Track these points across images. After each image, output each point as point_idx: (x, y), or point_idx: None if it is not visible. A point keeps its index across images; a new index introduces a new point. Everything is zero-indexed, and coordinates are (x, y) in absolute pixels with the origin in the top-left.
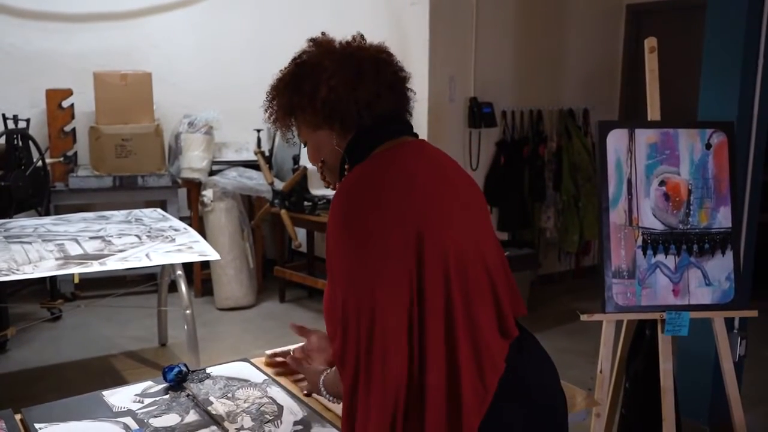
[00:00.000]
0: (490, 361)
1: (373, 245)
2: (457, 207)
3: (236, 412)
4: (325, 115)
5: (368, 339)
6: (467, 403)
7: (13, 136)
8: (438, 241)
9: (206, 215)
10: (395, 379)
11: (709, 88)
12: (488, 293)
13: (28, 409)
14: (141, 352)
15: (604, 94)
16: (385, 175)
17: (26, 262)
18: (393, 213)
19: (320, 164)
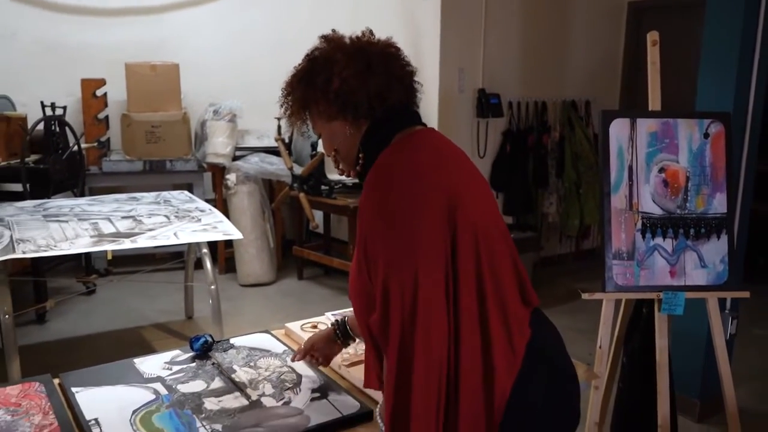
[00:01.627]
0: (518, 328)
1: (412, 222)
2: (475, 185)
3: (258, 379)
4: (338, 106)
5: (411, 315)
6: (499, 368)
7: (51, 122)
8: (468, 213)
9: (230, 198)
10: (439, 352)
11: (707, 81)
12: (510, 264)
13: (65, 374)
14: (169, 324)
15: (605, 86)
16: (416, 156)
17: (63, 239)
18: (428, 189)
19: (334, 153)
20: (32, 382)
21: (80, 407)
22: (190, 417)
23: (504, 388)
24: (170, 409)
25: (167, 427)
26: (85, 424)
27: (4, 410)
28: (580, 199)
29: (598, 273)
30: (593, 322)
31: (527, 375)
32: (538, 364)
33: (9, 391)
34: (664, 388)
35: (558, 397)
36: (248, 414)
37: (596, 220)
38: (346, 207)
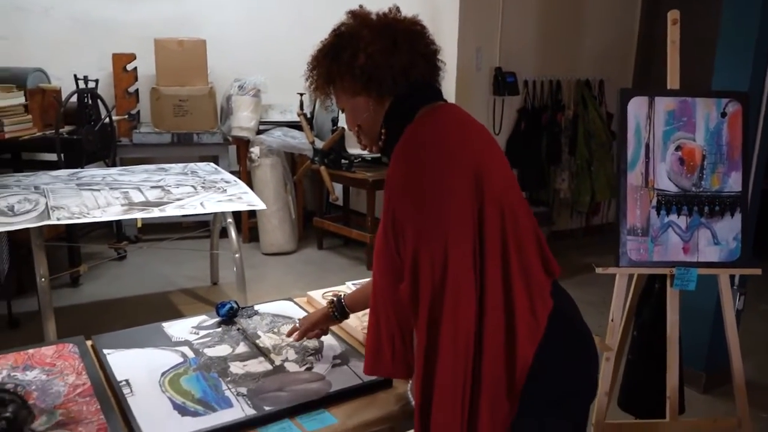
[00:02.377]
0: (540, 298)
1: (441, 195)
2: (498, 159)
3: (281, 345)
4: (362, 82)
5: (441, 286)
6: (521, 336)
7: (84, 95)
8: (493, 186)
9: (253, 170)
10: (466, 324)
11: (724, 62)
12: (532, 235)
13: (97, 336)
14: (195, 290)
15: (619, 66)
16: (442, 130)
17: (96, 207)
18: (455, 163)
19: (357, 128)
20: (66, 343)
21: (111, 368)
22: (216, 380)
23: (526, 355)
24: (197, 372)
25: (195, 389)
26: (116, 385)
27: (39, 369)
28: (592, 176)
29: (607, 248)
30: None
31: (549, 343)
32: (560, 334)
33: (44, 351)
34: (674, 361)
35: (578, 367)
36: (272, 378)
37: (607, 196)
38: (365, 180)
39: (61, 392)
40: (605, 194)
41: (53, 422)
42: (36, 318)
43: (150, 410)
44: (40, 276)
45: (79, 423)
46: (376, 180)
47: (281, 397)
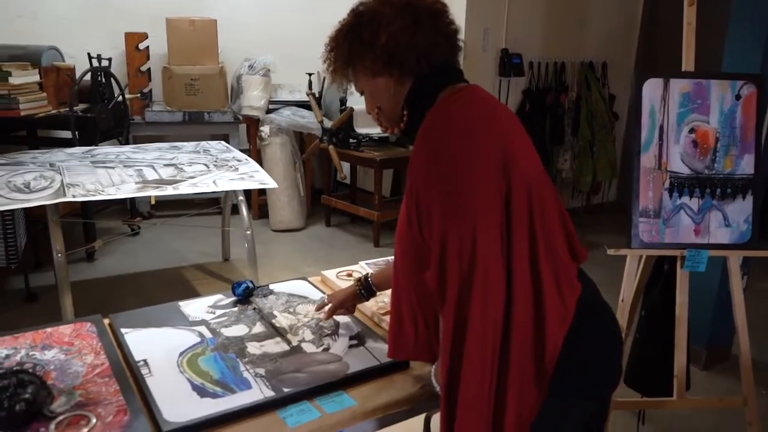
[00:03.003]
0: (568, 283)
1: (469, 176)
2: (524, 140)
3: (297, 325)
4: (384, 62)
5: (469, 270)
6: (550, 322)
7: (97, 73)
8: (521, 168)
9: (263, 148)
10: (495, 310)
11: (736, 43)
12: (558, 218)
13: (114, 315)
14: (207, 265)
15: (622, 48)
16: (469, 110)
17: (110, 185)
18: (483, 143)
19: (377, 110)
20: (84, 322)
21: (129, 348)
22: (234, 360)
23: (555, 341)
24: (215, 352)
25: (213, 370)
26: (134, 365)
27: (58, 349)
28: (593, 157)
29: (608, 226)
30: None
31: (578, 329)
32: (587, 319)
33: (62, 330)
34: (682, 340)
35: (604, 352)
36: (289, 359)
37: (608, 176)
38: (372, 159)
39: (80, 372)
40: (606, 174)
41: (72, 403)
42: (53, 292)
43: (169, 391)
44: (57, 252)
45: (99, 404)
46: (384, 159)
47: (299, 378)
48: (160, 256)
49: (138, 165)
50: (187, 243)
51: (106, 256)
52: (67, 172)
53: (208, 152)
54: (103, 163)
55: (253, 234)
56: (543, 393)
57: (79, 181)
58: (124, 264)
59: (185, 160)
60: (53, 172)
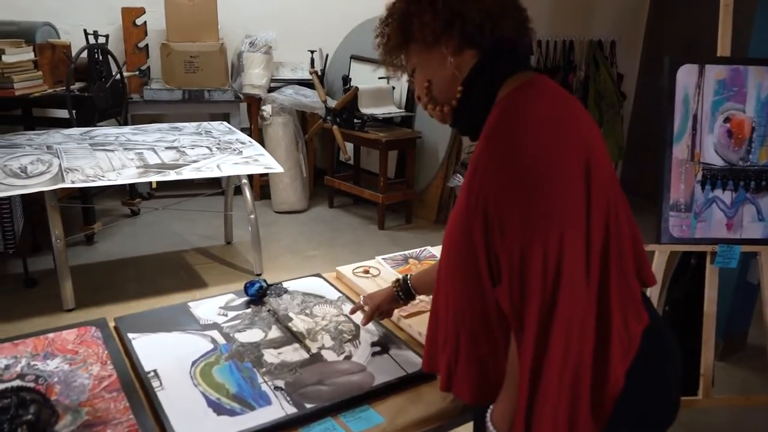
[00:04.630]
0: (634, 311)
1: (558, 182)
2: (602, 140)
3: (316, 329)
4: (445, 20)
5: (554, 290)
6: (615, 356)
7: (94, 50)
8: (600, 173)
9: (265, 128)
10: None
11: (764, 26)
12: (629, 234)
13: (120, 318)
14: (209, 249)
15: (630, 27)
16: (550, 104)
17: (110, 169)
18: (568, 143)
19: (426, 85)
20: (88, 326)
21: (138, 356)
22: (250, 371)
23: (617, 376)
24: (230, 360)
25: (229, 382)
26: (145, 377)
27: (61, 358)
28: None
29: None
30: None
31: (640, 362)
32: (651, 352)
33: (65, 336)
34: (710, 337)
35: (664, 390)
36: (310, 369)
37: (616, 157)
38: (378, 140)
39: (86, 386)
40: (614, 155)
41: (79, 422)
42: (52, 276)
43: (183, 408)
44: (56, 237)
45: (107, 424)
46: (389, 140)
47: (322, 391)
48: (160, 239)
49: (138, 148)
50: (188, 225)
51: (106, 239)
52: (65, 155)
53: (210, 134)
54: (103, 145)
55: (257, 218)
56: (600, 427)
57: (78, 166)
58: (124, 247)
59: (187, 142)
60: (51, 156)
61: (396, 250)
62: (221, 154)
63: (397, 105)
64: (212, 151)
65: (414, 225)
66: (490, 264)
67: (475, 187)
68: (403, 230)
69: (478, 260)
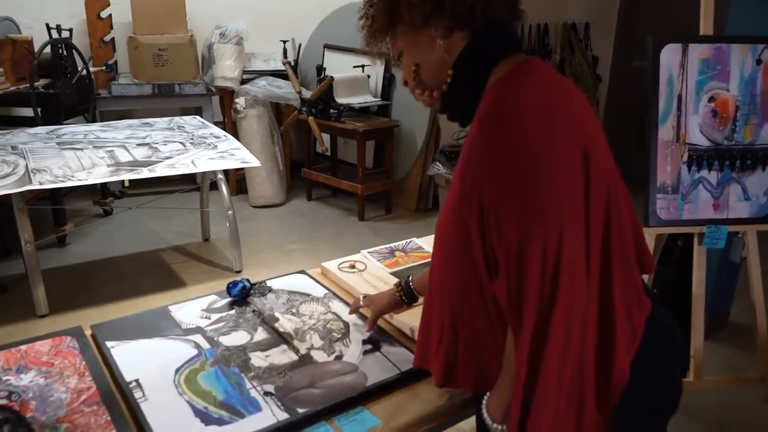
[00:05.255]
0: (637, 299)
1: (556, 171)
2: (599, 127)
3: (303, 329)
4: (435, 0)
5: (552, 284)
6: (619, 346)
7: (58, 45)
8: (600, 161)
9: (239, 121)
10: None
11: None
12: (630, 221)
13: (97, 325)
14: (187, 247)
15: (604, 8)
16: (546, 89)
17: (80, 169)
18: (567, 132)
19: (414, 69)
20: (63, 336)
21: (118, 366)
22: (238, 376)
23: (623, 367)
24: (215, 366)
25: (215, 389)
26: (126, 388)
27: (36, 371)
28: None
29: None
30: None
31: (644, 351)
32: (654, 340)
33: (39, 348)
34: (700, 320)
35: (667, 378)
36: (300, 372)
37: None
38: (354, 131)
39: (64, 400)
40: None
41: None
42: (24, 281)
43: (168, 419)
44: (25, 241)
45: None
46: (367, 130)
47: (314, 395)
48: (136, 238)
49: (109, 145)
50: (164, 223)
51: (79, 241)
52: (32, 155)
53: (183, 129)
54: (71, 144)
55: (234, 213)
56: (606, 419)
57: (45, 166)
58: (98, 248)
59: (159, 138)
60: (16, 156)
61: (377, 242)
62: (195, 150)
63: (373, 94)
64: (186, 147)
65: (394, 215)
66: (486, 256)
67: (469, 177)
68: (384, 221)
69: (474, 253)
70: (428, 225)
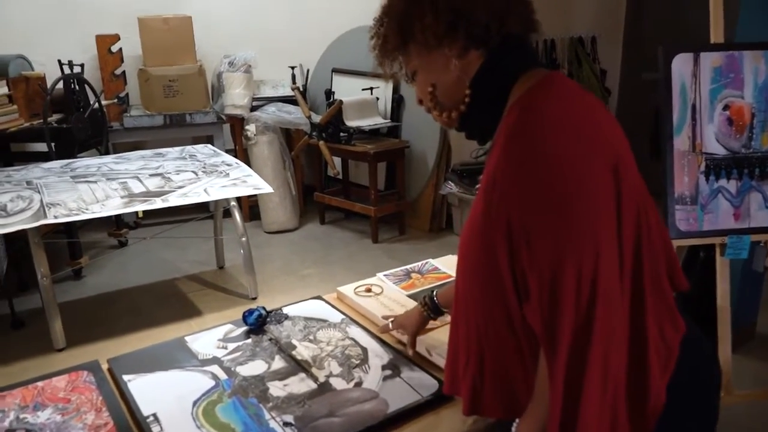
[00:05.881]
0: (671, 319)
1: (588, 191)
2: (627, 144)
3: (321, 356)
4: (449, 21)
5: (588, 310)
6: (654, 370)
7: (70, 80)
8: (629, 178)
9: (250, 148)
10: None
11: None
12: (660, 239)
13: (114, 359)
14: (201, 275)
15: (610, 21)
16: (572, 107)
17: (94, 201)
18: (597, 149)
19: (430, 90)
20: (80, 371)
21: (135, 400)
22: (256, 407)
23: (659, 392)
24: (233, 397)
25: (234, 421)
26: (144, 422)
27: (52, 408)
28: None
29: None
30: None
31: (680, 374)
32: (690, 362)
33: (56, 383)
34: (726, 332)
35: (706, 400)
36: (319, 400)
37: None
38: (366, 153)
39: None
40: None
41: None
42: (41, 315)
43: None
44: (42, 275)
45: None
46: (378, 152)
47: (334, 424)
48: (151, 268)
49: (122, 177)
50: (179, 252)
51: (95, 273)
52: (46, 190)
53: (195, 158)
54: (84, 177)
55: (248, 240)
56: None
57: (60, 200)
58: (114, 279)
59: (171, 168)
60: (31, 191)
61: (392, 263)
62: (208, 178)
63: (382, 115)
64: (198, 175)
65: (408, 236)
66: (515, 280)
67: (495, 199)
68: (398, 242)
69: (503, 277)
70: (442, 245)
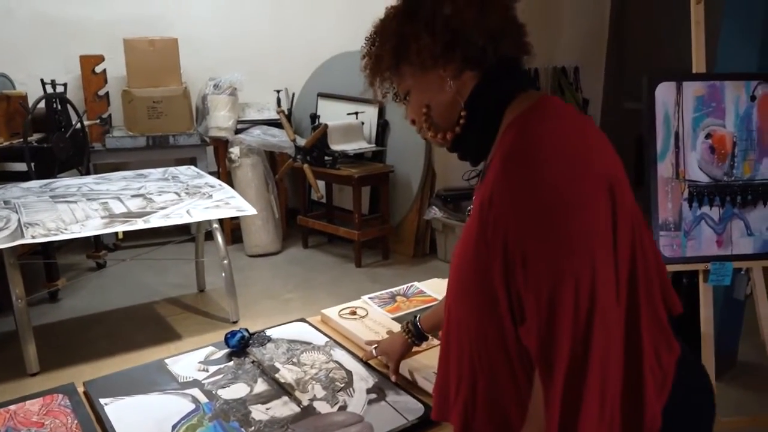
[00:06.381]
0: (665, 341)
1: (583, 213)
2: (621, 166)
3: (305, 379)
4: (444, 42)
5: (586, 331)
6: (649, 392)
7: (52, 100)
8: (625, 198)
9: (234, 171)
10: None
11: (730, 40)
12: (654, 259)
13: (90, 381)
14: (182, 298)
15: (592, 52)
16: (565, 128)
17: (73, 221)
18: (592, 170)
19: (425, 111)
20: (55, 394)
21: (112, 425)
22: (238, 431)
23: (654, 416)
24: (214, 421)
25: None
26: None
27: None
28: None
29: None
30: None
31: (674, 399)
32: (685, 385)
33: (29, 407)
34: (710, 359)
35: (701, 422)
36: (303, 425)
37: None
38: (350, 177)
39: None
40: None
41: None
42: (15, 339)
43: None
44: (16, 297)
45: None
46: (362, 176)
47: None
48: (130, 291)
49: (102, 197)
50: (158, 275)
51: (72, 295)
52: (24, 209)
53: (178, 179)
54: (64, 197)
55: (230, 263)
56: None
57: (38, 220)
58: (91, 302)
59: (154, 189)
60: (8, 211)
61: (375, 288)
62: (190, 199)
63: (367, 140)
64: (181, 197)
65: (392, 261)
66: (510, 302)
67: (491, 219)
68: (381, 267)
69: (498, 299)
70: (426, 270)
